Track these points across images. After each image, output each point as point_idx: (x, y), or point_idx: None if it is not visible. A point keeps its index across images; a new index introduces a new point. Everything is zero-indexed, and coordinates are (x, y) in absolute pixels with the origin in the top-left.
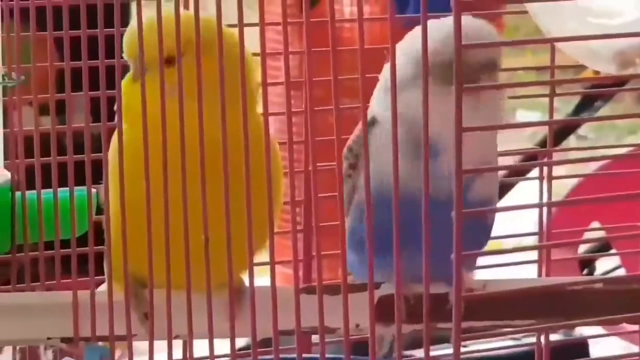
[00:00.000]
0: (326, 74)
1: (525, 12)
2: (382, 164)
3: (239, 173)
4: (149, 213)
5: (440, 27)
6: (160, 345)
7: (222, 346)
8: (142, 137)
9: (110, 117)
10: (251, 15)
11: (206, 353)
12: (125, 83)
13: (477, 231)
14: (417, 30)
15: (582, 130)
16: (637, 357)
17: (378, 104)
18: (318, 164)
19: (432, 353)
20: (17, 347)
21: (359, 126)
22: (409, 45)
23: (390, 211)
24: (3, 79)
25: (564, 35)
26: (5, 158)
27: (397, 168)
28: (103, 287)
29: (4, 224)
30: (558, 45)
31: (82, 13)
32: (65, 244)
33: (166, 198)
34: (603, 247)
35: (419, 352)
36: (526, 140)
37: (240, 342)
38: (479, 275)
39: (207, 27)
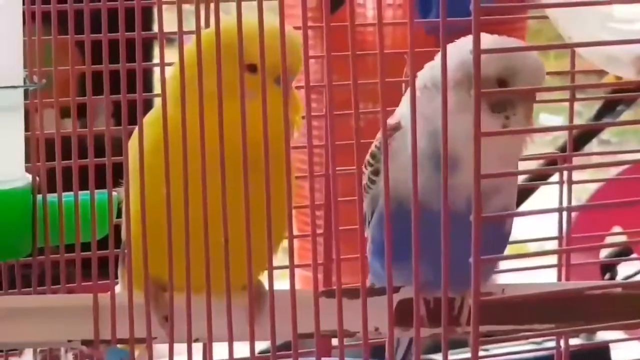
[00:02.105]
0: (350, 77)
1: (546, 17)
2: (402, 171)
3: (256, 175)
4: (169, 216)
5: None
6: (180, 348)
7: (242, 349)
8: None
9: (132, 121)
10: (272, 19)
11: (226, 356)
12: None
13: (493, 240)
14: (465, 39)
15: (605, 134)
16: None
17: (407, 107)
18: (339, 168)
19: (450, 357)
20: (38, 350)
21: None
22: (455, 51)
23: (408, 220)
24: (25, 82)
25: (584, 41)
26: (27, 161)
27: (416, 176)
28: (118, 289)
29: (25, 227)
30: (579, 50)
31: (104, 16)
32: (85, 246)
33: (186, 201)
34: (624, 252)
35: (439, 357)
36: (548, 144)
37: (260, 345)
38: (499, 279)
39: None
